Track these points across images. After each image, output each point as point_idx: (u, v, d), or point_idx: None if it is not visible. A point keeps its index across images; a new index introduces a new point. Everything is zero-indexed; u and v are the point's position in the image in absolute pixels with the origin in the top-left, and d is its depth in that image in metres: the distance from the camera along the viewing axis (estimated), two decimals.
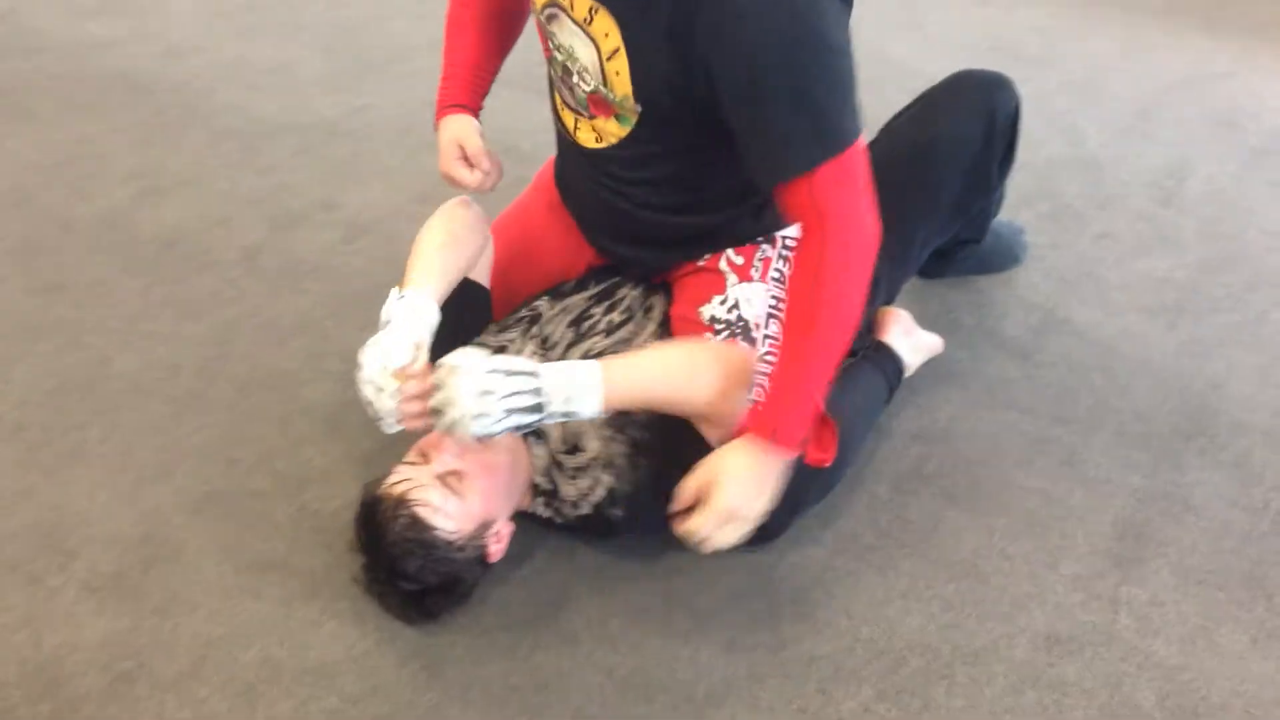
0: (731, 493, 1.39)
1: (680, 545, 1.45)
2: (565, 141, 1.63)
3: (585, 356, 1.59)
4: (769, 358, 1.60)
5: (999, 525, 1.68)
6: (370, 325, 1.63)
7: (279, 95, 2.72)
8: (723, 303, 1.62)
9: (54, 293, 2.10)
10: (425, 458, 1.51)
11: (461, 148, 1.64)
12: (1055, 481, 1.76)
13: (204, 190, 2.39)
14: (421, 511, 1.45)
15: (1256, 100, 2.77)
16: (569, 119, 1.57)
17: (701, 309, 1.63)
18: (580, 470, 1.54)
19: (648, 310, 1.69)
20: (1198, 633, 1.53)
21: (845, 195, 1.34)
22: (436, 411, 1.40)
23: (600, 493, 1.53)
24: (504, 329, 1.69)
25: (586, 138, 1.55)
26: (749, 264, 1.64)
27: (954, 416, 1.87)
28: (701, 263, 1.65)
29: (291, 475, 1.74)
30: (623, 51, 1.38)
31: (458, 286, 1.63)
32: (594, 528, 1.58)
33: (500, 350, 1.61)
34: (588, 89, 1.47)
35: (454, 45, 1.69)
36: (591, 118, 1.51)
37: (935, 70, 1.90)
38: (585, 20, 1.40)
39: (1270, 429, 1.85)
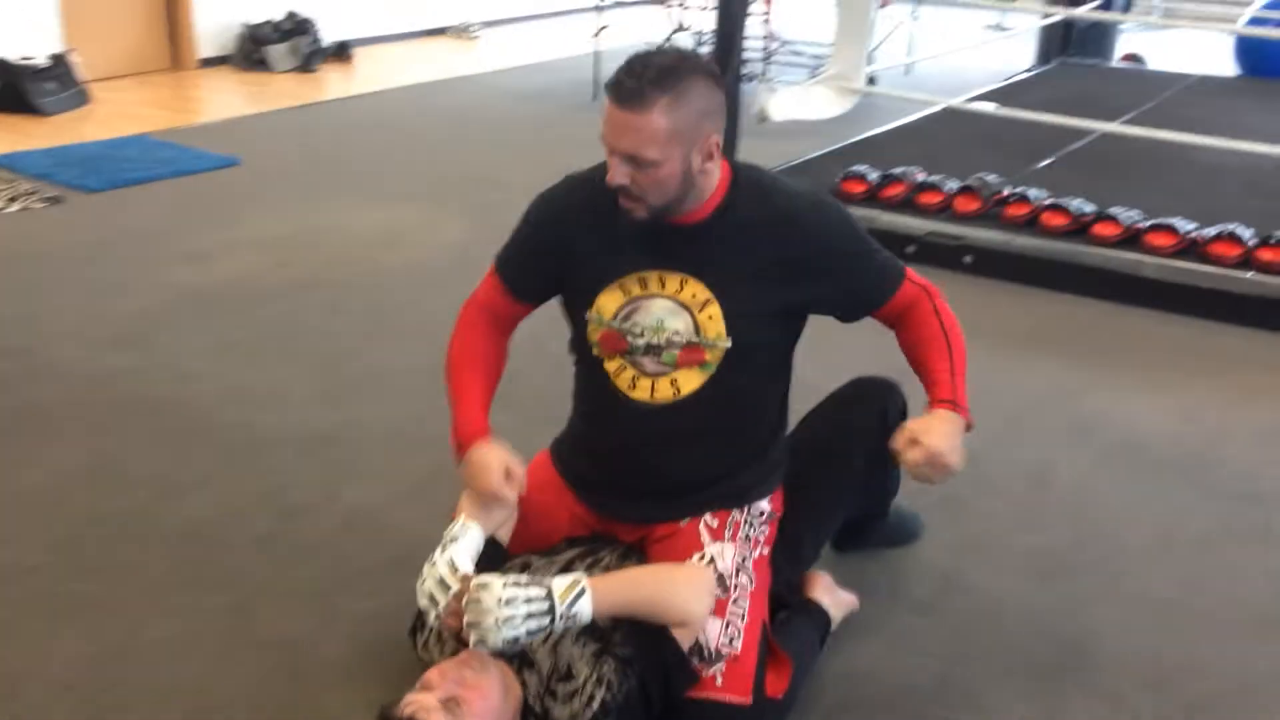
0: (937, 437, 1.92)
1: None
2: (624, 410, 2.03)
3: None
4: (740, 600, 1.98)
5: None
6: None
7: (277, 411, 3.13)
8: (700, 558, 2.01)
9: (88, 575, 2.41)
10: (430, 687, 1.83)
11: (510, 471, 1.99)
12: (957, 712, 2.10)
13: (216, 490, 2.74)
14: None
15: (1105, 412, 3.30)
16: (645, 387, 2.00)
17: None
18: (574, 693, 1.86)
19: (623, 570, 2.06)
20: None
21: (925, 283, 2.10)
22: (471, 624, 1.75)
23: (595, 709, 1.84)
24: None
25: (663, 395, 2.00)
26: (722, 527, 2.05)
27: (872, 659, 2.23)
28: (682, 524, 2.05)
29: (310, 716, 2.02)
30: (714, 301, 1.94)
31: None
32: None
33: None
34: (680, 344, 1.97)
35: (461, 385, 2.09)
36: (676, 370, 1.99)
37: (828, 389, 2.36)
38: (677, 291, 1.96)
39: (1129, 665, 2.24)
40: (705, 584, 1.95)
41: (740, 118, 4.61)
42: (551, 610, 1.81)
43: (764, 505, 2.12)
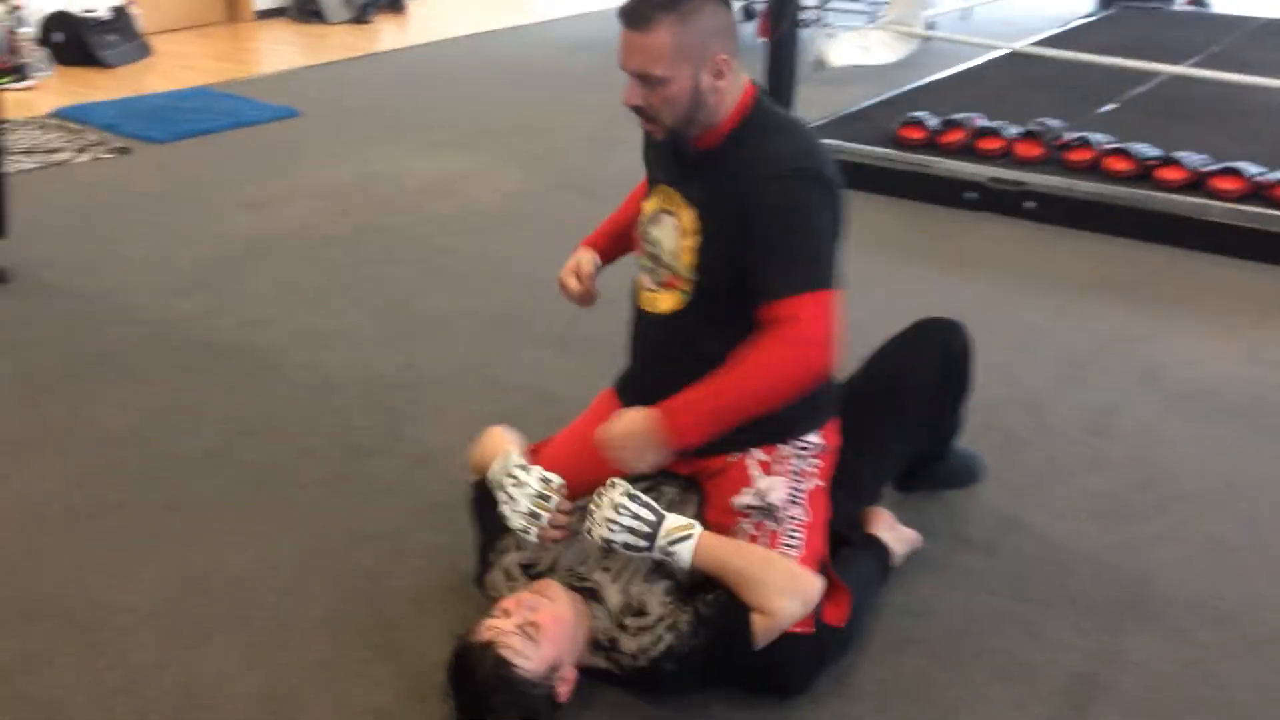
0: (616, 430, 1.95)
1: (720, 697, 1.94)
2: (641, 317, 2.15)
3: (588, 532, 1.99)
4: (794, 533, 2.02)
5: (975, 678, 2.05)
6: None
7: (342, 354, 3.20)
8: (751, 492, 2.04)
9: (169, 512, 2.49)
10: (507, 614, 1.89)
11: (579, 266, 2.26)
12: (1019, 645, 2.13)
13: (288, 429, 2.81)
14: (506, 653, 1.81)
15: (1171, 357, 3.28)
16: (648, 297, 2.12)
17: (733, 500, 2.05)
18: (644, 629, 1.92)
19: (685, 504, 2.09)
20: None
21: (812, 318, 1.90)
22: (589, 512, 1.94)
23: (660, 649, 1.90)
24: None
25: (661, 306, 2.09)
26: (771, 461, 2.08)
27: (932, 596, 2.25)
28: (732, 459, 2.08)
29: (388, 645, 2.09)
30: (696, 235, 1.99)
31: None
32: (647, 679, 1.93)
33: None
34: (667, 265, 2.05)
35: (613, 216, 2.35)
36: (663, 290, 2.08)
37: (891, 330, 2.36)
38: (681, 210, 2.03)
39: (1191, 604, 2.24)
40: (807, 588, 1.93)
41: (797, 65, 4.58)
42: (652, 536, 1.90)
43: (813, 438, 2.13)
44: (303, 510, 2.50)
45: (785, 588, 1.90)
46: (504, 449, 2.12)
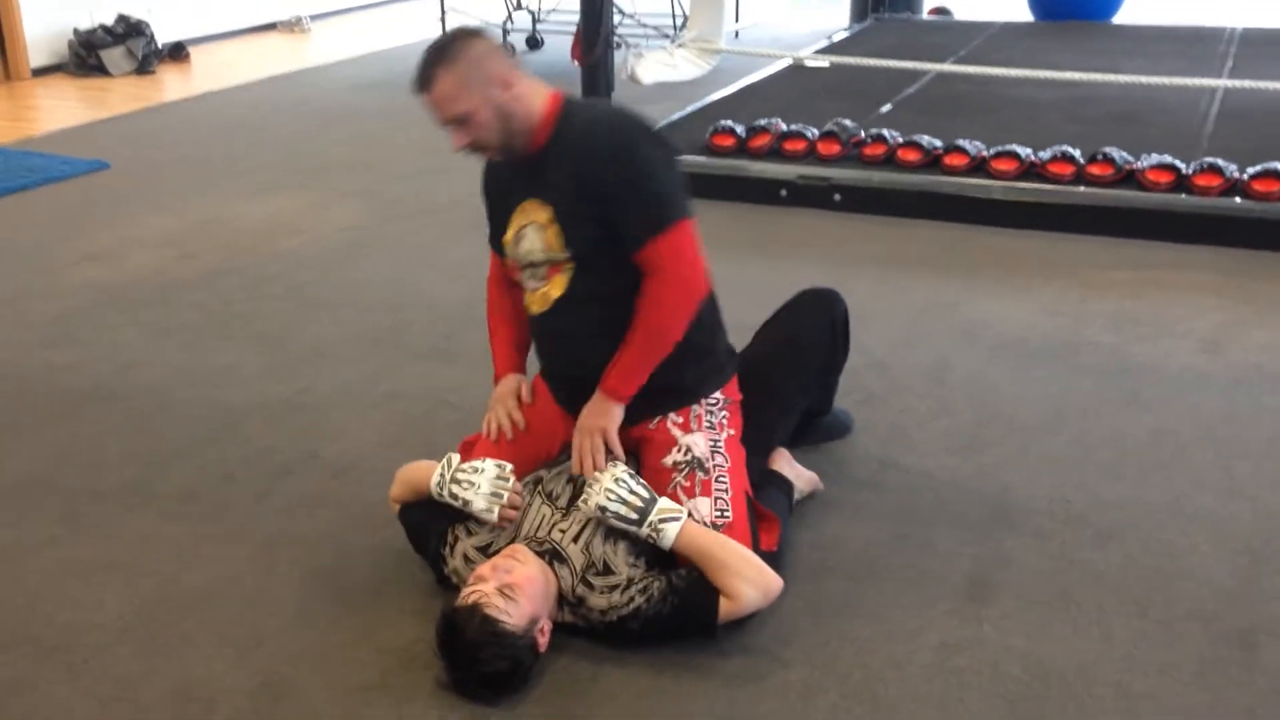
0: (586, 427, 2.30)
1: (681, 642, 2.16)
2: (535, 322, 2.39)
3: (585, 501, 2.22)
4: (721, 478, 2.29)
5: (889, 588, 2.36)
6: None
7: (233, 388, 3.28)
8: (678, 450, 2.32)
9: (107, 541, 2.55)
10: (484, 579, 2.09)
11: (519, 395, 2.47)
12: (917, 560, 2.46)
13: (199, 460, 2.89)
14: (491, 612, 2.02)
15: (982, 316, 3.72)
16: (537, 300, 2.35)
17: (664, 460, 2.32)
18: (613, 588, 2.15)
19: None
20: (1036, 629, 2.23)
21: (678, 255, 2.23)
22: (587, 483, 2.19)
23: (628, 610, 2.13)
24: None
25: (553, 295, 2.31)
26: (687, 421, 2.36)
27: (836, 530, 2.56)
28: (652, 427, 2.35)
29: (361, 630, 2.24)
30: (554, 219, 2.25)
31: None
32: (614, 634, 2.16)
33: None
34: (543, 260, 2.29)
35: (494, 337, 2.57)
36: (547, 282, 2.31)
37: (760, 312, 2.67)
38: (535, 215, 2.29)
39: (1046, 511, 2.62)
40: (770, 582, 2.17)
41: (613, 83, 4.88)
42: (644, 512, 2.15)
43: (718, 395, 2.42)
44: (241, 529, 2.60)
45: (754, 579, 2.14)
46: (432, 467, 2.31)
